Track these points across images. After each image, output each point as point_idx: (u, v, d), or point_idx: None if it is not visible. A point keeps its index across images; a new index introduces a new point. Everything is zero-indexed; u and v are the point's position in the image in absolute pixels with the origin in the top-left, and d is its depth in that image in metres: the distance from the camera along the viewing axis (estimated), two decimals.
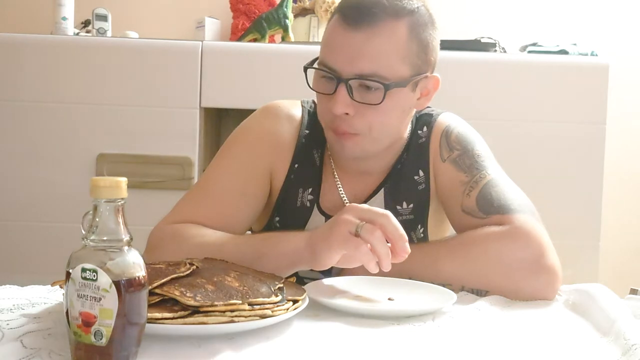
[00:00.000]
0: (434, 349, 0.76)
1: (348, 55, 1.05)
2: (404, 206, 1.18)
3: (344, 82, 1.05)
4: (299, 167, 1.19)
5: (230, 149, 1.20)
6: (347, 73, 1.05)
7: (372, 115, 1.07)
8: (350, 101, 1.05)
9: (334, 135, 1.11)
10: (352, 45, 1.04)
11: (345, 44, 1.05)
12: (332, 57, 1.06)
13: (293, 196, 1.19)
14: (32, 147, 2.05)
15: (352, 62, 1.04)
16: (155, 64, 2.06)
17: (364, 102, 1.06)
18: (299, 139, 1.20)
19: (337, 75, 1.06)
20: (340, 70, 1.05)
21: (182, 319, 0.72)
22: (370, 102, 1.06)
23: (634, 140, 2.59)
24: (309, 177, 1.19)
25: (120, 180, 0.66)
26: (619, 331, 0.80)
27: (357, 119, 1.07)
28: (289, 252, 0.97)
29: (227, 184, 1.15)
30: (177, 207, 1.16)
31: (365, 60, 1.04)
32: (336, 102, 1.05)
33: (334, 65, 1.06)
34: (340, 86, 1.05)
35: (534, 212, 1.08)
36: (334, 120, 1.08)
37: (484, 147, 1.18)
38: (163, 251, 1.04)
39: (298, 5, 2.36)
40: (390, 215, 0.90)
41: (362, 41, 1.04)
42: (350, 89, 1.05)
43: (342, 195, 1.18)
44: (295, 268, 0.98)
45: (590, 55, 2.15)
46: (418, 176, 1.19)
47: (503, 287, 1.00)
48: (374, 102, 1.05)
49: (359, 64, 1.04)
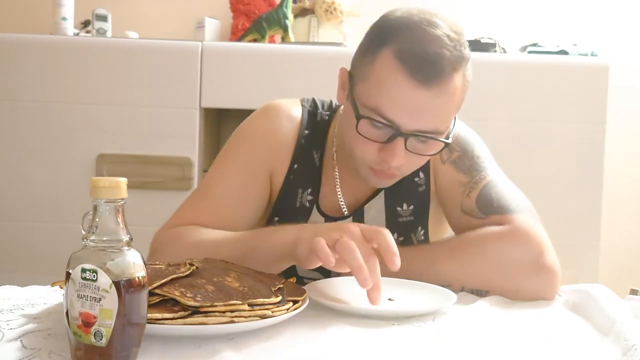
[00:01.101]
0: (434, 349, 0.76)
1: (413, 111, 0.99)
2: (404, 208, 1.18)
3: (404, 137, 1.01)
4: (298, 167, 1.19)
5: (231, 151, 1.20)
6: (408, 127, 1.00)
7: (419, 162, 1.08)
8: (405, 151, 1.02)
9: (372, 172, 1.08)
10: (418, 101, 0.99)
11: (411, 99, 0.99)
12: (392, 109, 1.00)
13: (292, 196, 1.19)
14: (32, 147, 2.05)
15: (416, 118, 1.00)
16: (155, 64, 2.06)
17: (418, 152, 1.04)
18: (298, 140, 1.19)
19: (396, 127, 1.00)
20: (400, 124, 1.00)
21: (182, 320, 0.72)
22: (424, 152, 1.05)
23: (634, 140, 2.59)
24: (309, 177, 1.19)
25: (120, 180, 0.66)
26: (619, 331, 0.80)
27: (405, 165, 1.05)
28: (278, 246, 0.96)
29: (227, 187, 1.15)
30: (178, 211, 1.16)
31: (428, 117, 1.00)
32: (395, 156, 1.01)
33: (395, 118, 1.00)
34: (399, 140, 1.01)
35: (533, 212, 1.08)
36: (380, 164, 1.05)
37: (483, 149, 1.19)
38: (164, 254, 1.05)
39: (298, 5, 2.36)
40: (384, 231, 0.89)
41: (428, 98, 0.99)
42: (405, 142, 1.01)
43: (339, 197, 1.18)
44: (284, 262, 0.98)
45: (590, 55, 2.15)
46: (418, 178, 1.19)
47: (503, 287, 1.00)
48: (427, 153, 1.05)
49: (423, 121, 1.00)
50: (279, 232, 0.99)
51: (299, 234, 0.93)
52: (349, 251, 0.85)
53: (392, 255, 0.87)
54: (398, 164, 1.03)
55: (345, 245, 0.85)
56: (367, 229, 0.90)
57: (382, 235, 0.89)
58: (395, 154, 1.02)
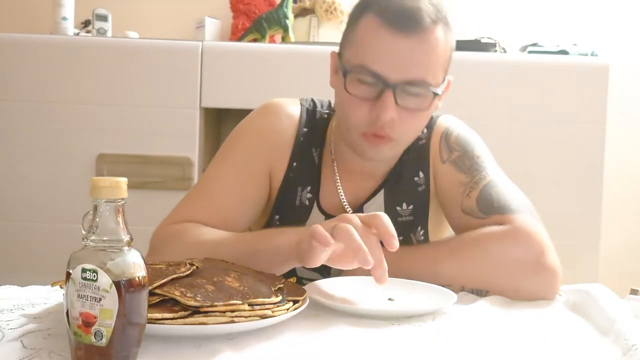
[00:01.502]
0: (434, 349, 0.76)
1: (397, 61, 1.02)
2: (404, 207, 1.18)
3: (392, 88, 1.03)
4: (297, 165, 1.19)
5: (230, 149, 1.20)
6: (395, 79, 1.03)
7: (412, 120, 1.07)
8: (395, 106, 1.04)
9: (365, 139, 1.08)
10: (400, 51, 1.02)
11: (394, 49, 1.02)
12: (377, 62, 1.03)
13: (292, 195, 1.19)
14: (32, 147, 2.05)
15: (401, 69, 1.02)
16: (155, 64, 2.06)
17: (409, 107, 1.05)
18: (297, 138, 1.20)
19: (383, 80, 1.03)
20: (387, 77, 1.03)
21: (182, 319, 0.72)
22: (415, 107, 1.05)
23: (634, 140, 2.59)
24: (308, 175, 1.19)
25: (120, 180, 0.66)
26: (619, 331, 0.80)
27: (399, 124, 1.06)
28: (281, 248, 0.96)
29: (226, 184, 1.15)
30: (177, 208, 1.16)
31: (414, 66, 1.03)
32: (385, 108, 1.03)
33: (381, 71, 1.03)
34: (388, 92, 1.03)
35: (534, 212, 1.08)
36: (373, 125, 1.06)
37: (483, 149, 1.19)
38: (164, 252, 1.05)
39: (298, 5, 2.36)
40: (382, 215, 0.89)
41: (410, 47, 1.02)
42: (395, 95, 1.03)
43: (340, 194, 1.18)
44: (288, 264, 0.98)
45: (590, 55, 2.15)
46: (418, 177, 1.19)
47: (503, 287, 1.00)
48: (419, 108, 1.06)
49: (409, 71, 1.03)
50: (281, 234, 0.99)
51: (300, 234, 0.94)
52: (346, 233, 0.85)
53: (391, 237, 0.87)
54: (389, 117, 1.03)
55: (342, 229, 0.86)
56: (364, 215, 0.90)
57: (380, 219, 0.88)
58: (385, 107, 1.03)
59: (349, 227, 0.86)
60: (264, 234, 1.05)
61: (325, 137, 1.22)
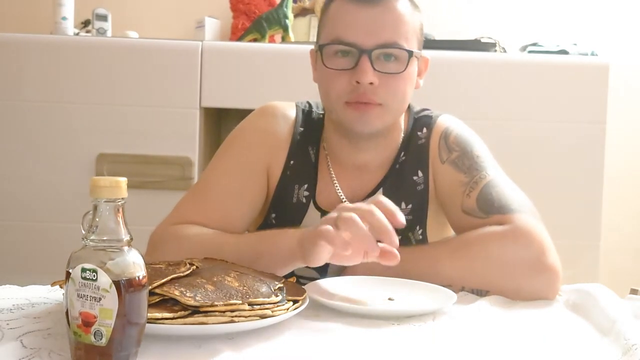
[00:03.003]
0: (434, 349, 0.76)
1: (367, 27, 1.08)
2: (403, 206, 1.18)
3: (367, 53, 1.07)
4: (294, 163, 1.20)
5: (228, 149, 1.22)
6: (368, 45, 1.07)
7: (393, 84, 1.10)
8: (373, 71, 1.07)
9: (353, 111, 1.10)
10: (370, 18, 1.08)
11: (362, 18, 1.08)
12: (349, 32, 1.08)
13: (289, 192, 1.20)
14: (32, 147, 2.05)
15: (373, 34, 1.07)
16: (155, 64, 2.05)
17: (387, 71, 1.08)
18: (294, 136, 1.21)
19: (358, 47, 1.07)
20: (360, 43, 1.07)
21: (182, 319, 0.72)
22: (393, 71, 1.09)
23: (634, 140, 2.59)
24: (304, 173, 1.20)
25: (120, 180, 0.66)
26: (619, 331, 0.80)
27: (380, 89, 1.09)
28: (284, 250, 0.98)
29: (225, 184, 1.16)
30: (176, 209, 1.17)
31: (385, 30, 1.08)
32: (364, 72, 1.07)
33: (353, 40, 1.08)
34: (363, 58, 1.07)
35: (534, 211, 1.08)
36: (355, 92, 1.09)
37: (483, 148, 1.19)
38: (164, 252, 1.05)
39: (298, 5, 2.36)
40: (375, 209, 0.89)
41: (378, 14, 1.08)
42: (371, 61, 1.07)
43: (338, 191, 1.18)
44: (291, 265, 0.99)
45: (590, 55, 2.15)
46: (417, 177, 1.19)
47: (504, 287, 1.00)
48: (397, 71, 1.09)
49: (380, 35, 1.07)
50: (283, 236, 1.00)
51: (302, 233, 0.95)
52: (351, 221, 0.87)
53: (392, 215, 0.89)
54: (369, 81, 1.07)
55: (346, 218, 0.87)
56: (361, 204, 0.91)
57: (380, 201, 0.90)
58: (364, 71, 1.07)
59: (353, 215, 0.87)
60: (265, 235, 1.05)
61: (321, 136, 1.23)
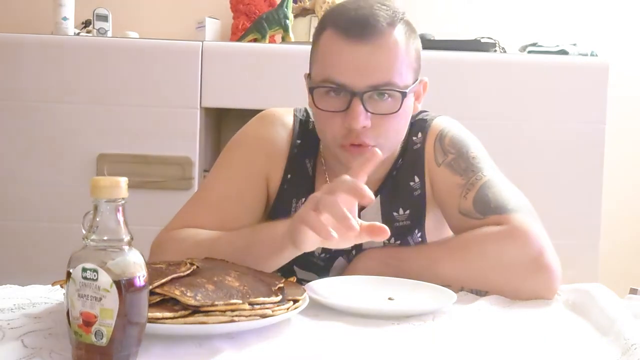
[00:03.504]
0: (434, 349, 0.76)
1: (358, 68, 1.03)
2: (400, 212, 1.18)
3: (359, 96, 1.03)
4: (291, 177, 1.20)
5: (228, 156, 1.22)
6: (360, 87, 1.03)
7: (387, 124, 1.06)
8: (366, 114, 1.04)
9: (346, 151, 1.08)
10: (360, 58, 1.03)
11: (352, 58, 1.03)
12: (340, 73, 1.04)
13: (287, 206, 1.20)
14: (32, 147, 2.05)
15: (364, 75, 1.03)
16: (155, 64, 2.06)
17: (380, 112, 1.05)
18: (291, 149, 1.21)
19: (349, 90, 1.03)
20: (352, 85, 1.03)
21: (182, 319, 0.72)
22: (387, 111, 1.05)
23: (634, 140, 2.59)
24: (302, 186, 1.20)
25: (120, 180, 0.66)
26: (619, 331, 0.80)
27: (373, 131, 1.05)
28: (275, 238, 0.96)
29: (225, 191, 1.16)
30: (177, 216, 1.17)
31: (377, 71, 1.03)
32: (355, 117, 1.03)
33: (345, 81, 1.03)
34: (355, 100, 1.03)
35: (532, 211, 1.08)
36: (349, 136, 1.06)
37: (478, 149, 1.18)
38: (163, 256, 1.05)
39: (298, 5, 2.36)
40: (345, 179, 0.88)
41: (370, 53, 1.03)
42: (363, 102, 1.03)
43: None
44: (282, 254, 0.97)
45: (590, 55, 2.15)
46: (414, 182, 1.19)
47: (502, 287, 1.00)
48: (390, 111, 1.05)
49: (372, 76, 1.03)
50: (275, 224, 0.99)
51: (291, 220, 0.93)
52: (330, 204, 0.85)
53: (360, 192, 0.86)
54: (361, 126, 1.03)
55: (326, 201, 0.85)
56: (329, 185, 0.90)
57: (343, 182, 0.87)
58: (355, 115, 1.03)
59: (333, 199, 0.85)
60: (258, 227, 1.06)
61: (318, 147, 1.22)
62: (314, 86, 1.07)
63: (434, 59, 2.07)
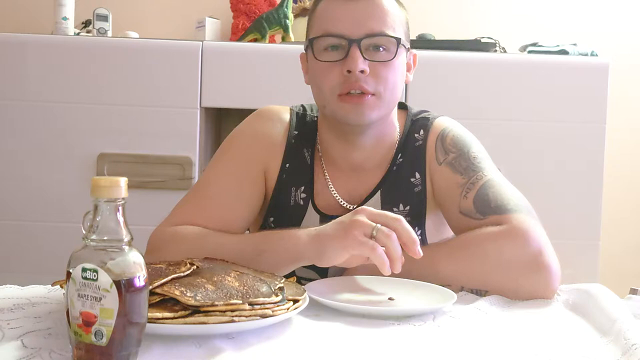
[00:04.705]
0: (434, 349, 0.76)
1: (354, 19, 1.10)
2: (401, 208, 1.18)
3: (356, 43, 1.09)
4: (290, 166, 1.21)
5: (225, 152, 1.23)
6: (357, 35, 1.09)
7: (384, 72, 1.11)
8: (364, 60, 1.09)
9: (347, 103, 1.11)
10: (356, 10, 1.11)
11: (349, 10, 1.11)
12: (337, 25, 1.11)
13: (286, 195, 1.20)
14: (33, 147, 2.05)
15: (361, 25, 1.10)
16: (155, 64, 2.06)
17: (377, 59, 1.10)
18: (288, 140, 1.22)
19: (347, 38, 1.09)
20: (349, 34, 1.10)
21: (182, 319, 0.72)
22: (383, 59, 1.11)
23: (634, 140, 2.59)
24: (301, 175, 1.21)
25: (120, 180, 0.66)
26: (619, 331, 0.80)
27: (371, 78, 1.10)
28: (290, 248, 0.98)
29: (223, 185, 1.17)
30: (175, 210, 1.17)
31: (372, 20, 1.10)
32: (354, 60, 1.08)
33: (342, 31, 1.10)
34: (353, 47, 1.09)
35: (532, 211, 1.08)
36: (347, 82, 1.10)
37: (479, 149, 1.19)
38: (163, 253, 1.05)
39: (298, 5, 2.36)
40: (402, 219, 0.93)
41: (365, 6, 1.11)
42: (361, 50, 1.09)
43: (333, 193, 1.19)
44: (296, 264, 1.00)
45: (590, 55, 2.15)
46: (414, 178, 1.19)
47: (502, 287, 1.00)
48: (386, 59, 1.11)
49: (368, 25, 1.10)
50: (289, 236, 1.01)
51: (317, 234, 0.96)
52: (388, 239, 0.91)
53: (413, 244, 0.93)
54: (360, 68, 1.08)
55: (385, 233, 0.91)
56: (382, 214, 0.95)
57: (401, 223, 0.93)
58: (354, 59, 1.09)
59: (391, 233, 0.91)
60: (270, 235, 1.06)
61: (317, 138, 1.24)
62: (314, 38, 1.13)
63: (434, 59, 2.08)
